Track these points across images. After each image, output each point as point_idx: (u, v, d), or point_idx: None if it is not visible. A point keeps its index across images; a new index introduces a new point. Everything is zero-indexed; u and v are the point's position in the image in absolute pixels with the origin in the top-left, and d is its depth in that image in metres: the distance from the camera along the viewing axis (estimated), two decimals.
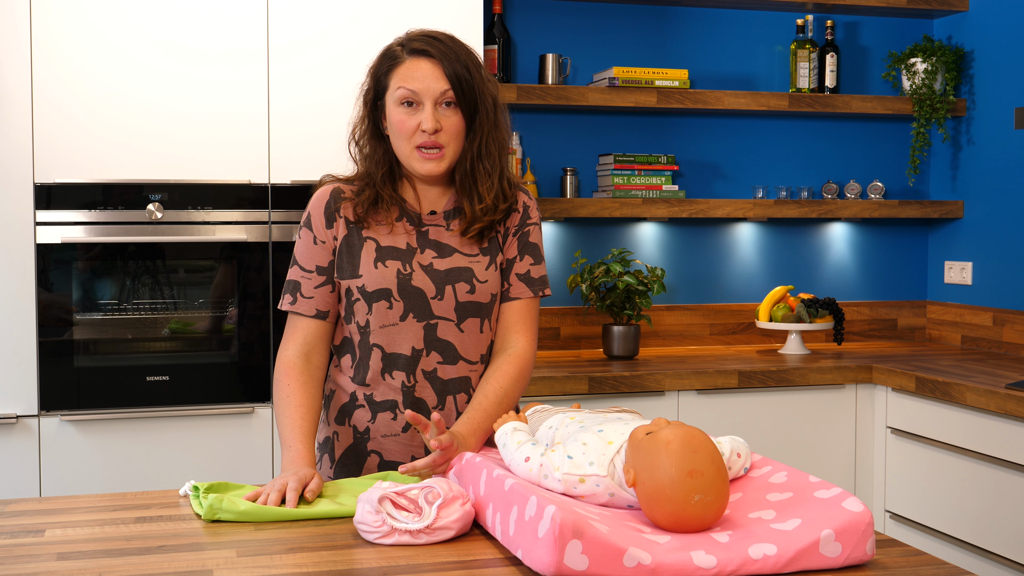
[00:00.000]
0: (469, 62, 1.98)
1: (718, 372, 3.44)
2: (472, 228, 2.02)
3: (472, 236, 2.03)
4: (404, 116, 1.97)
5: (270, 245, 3.15)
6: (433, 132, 1.95)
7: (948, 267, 4.22)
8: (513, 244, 2.08)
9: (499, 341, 2.08)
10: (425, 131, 1.95)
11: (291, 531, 1.59)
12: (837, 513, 1.43)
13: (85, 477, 3.03)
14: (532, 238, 2.09)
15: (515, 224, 2.08)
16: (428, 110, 1.95)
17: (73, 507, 1.73)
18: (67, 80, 3.01)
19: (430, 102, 1.95)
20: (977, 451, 3.15)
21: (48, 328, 3.01)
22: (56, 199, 3.00)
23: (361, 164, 2.07)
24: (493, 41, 3.73)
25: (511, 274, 2.08)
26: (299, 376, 1.99)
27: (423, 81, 1.95)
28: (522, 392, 2.05)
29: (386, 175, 2.04)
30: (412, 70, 1.96)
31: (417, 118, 1.96)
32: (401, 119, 1.97)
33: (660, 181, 3.89)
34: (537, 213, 2.12)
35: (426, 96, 1.95)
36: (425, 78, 1.95)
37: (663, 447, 1.46)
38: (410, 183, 2.07)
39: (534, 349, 2.08)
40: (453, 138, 1.98)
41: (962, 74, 4.11)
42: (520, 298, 2.08)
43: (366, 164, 2.06)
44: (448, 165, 2.00)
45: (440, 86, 1.95)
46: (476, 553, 1.49)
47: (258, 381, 3.15)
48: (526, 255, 2.09)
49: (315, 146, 3.16)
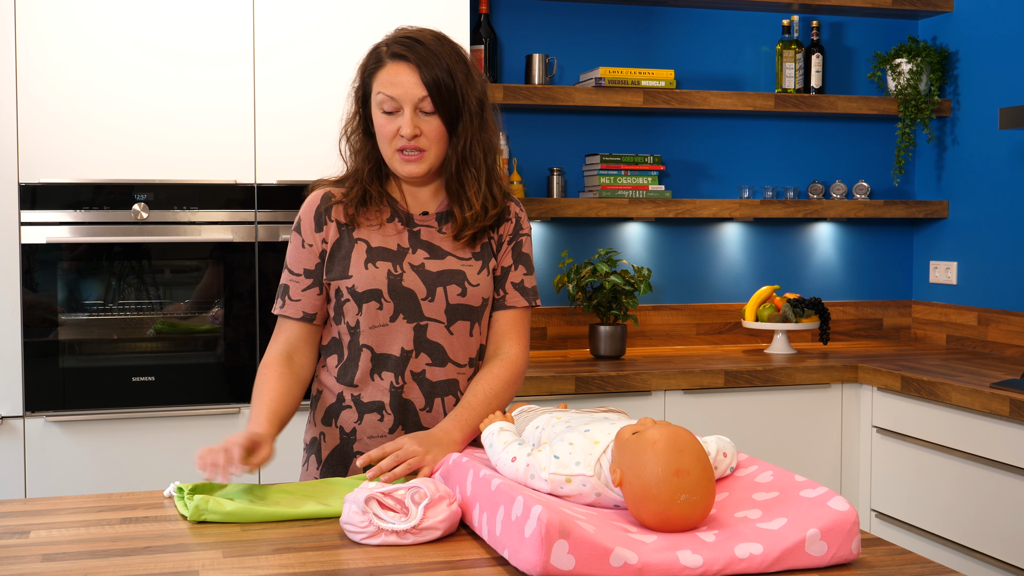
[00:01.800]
0: (452, 65, 1.96)
1: (704, 372, 3.44)
2: (464, 233, 2.03)
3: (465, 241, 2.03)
4: (384, 121, 1.98)
5: (256, 245, 3.14)
6: (412, 137, 1.96)
7: (933, 267, 4.23)
8: (508, 253, 2.08)
9: (492, 348, 2.09)
10: (403, 136, 1.96)
11: (277, 531, 1.59)
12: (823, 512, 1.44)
13: (70, 478, 3.02)
14: (524, 248, 2.11)
15: (509, 233, 2.09)
16: (407, 115, 1.95)
17: (58, 508, 1.72)
18: (52, 80, 3.00)
19: (409, 108, 1.95)
20: (962, 450, 3.16)
21: (33, 328, 3.00)
22: (41, 199, 2.99)
23: (351, 161, 2.08)
24: (479, 41, 3.73)
25: (506, 282, 2.08)
26: (278, 368, 2.00)
27: (400, 87, 1.95)
28: (512, 397, 2.05)
29: (373, 171, 2.05)
30: (391, 75, 1.96)
31: (397, 123, 1.96)
32: (382, 123, 1.98)
33: (646, 181, 3.89)
34: (528, 224, 2.13)
35: (404, 102, 1.95)
36: (403, 84, 1.95)
37: (649, 447, 1.47)
38: (397, 183, 2.07)
39: (526, 357, 2.09)
40: (434, 142, 1.98)
41: (947, 74, 4.12)
42: (515, 307, 2.09)
43: (355, 160, 2.06)
44: (429, 167, 2.00)
45: (417, 93, 1.94)
46: (463, 553, 1.49)
47: (244, 381, 3.14)
48: (520, 265, 2.10)
49: (301, 146, 3.16)
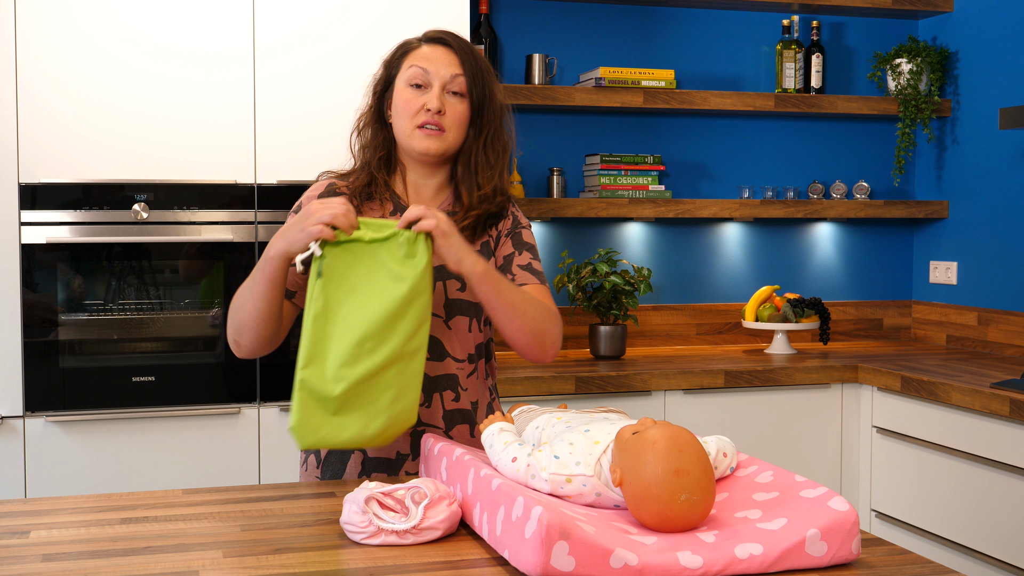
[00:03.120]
0: (484, 63, 2.04)
1: (704, 372, 3.44)
2: (469, 215, 2.01)
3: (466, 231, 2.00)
4: (411, 96, 1.99)
5: (256, 245, 3.14)
6: (437, 112, 1.97)
7: (933, 267, 4.23)
8: (507, 243, 2.08)
9: None
10: (430, 110, 1.97)
11: (277, 532, 1.59)
12: (823, 512, 1.44)
13: (70, 478, 3.02)
14: (526, 238, 2.10)
15: (507, 228, 2.09)
16: (436, 90, 1.98)
17: (58, 508, 1.72)
18: (52, 80, 3.00)
19: (439, 84, 1.98)
20: (962, 450, 3.16)
21: (33, 329, 3.00)
22: (41, 199, 2.99)
23: (359, 155, 2.08)
24: (480, 41, 3.73)
25: (512, 266, 2.04)
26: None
27: (436, 63, 1.99)
28: (544, 328, 1.95)
29: (383, 159, 2.05)
30: (428, 52, 2.01)
31: (423, 98, 1.98)
32: (408, 98, 1.99)
33: (646, 181, 3.89)
34: (527, 220, 2.13)
35: (436, 78, 1.98)
36: (439, 60, 1.99)
37: (649, 447, 1.46)
38: (403, 176, 2.07)
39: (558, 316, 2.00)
40: (455, 124, 2.00)
41: (947, 75, 4.12)
42: (528, 284, 2.02)
43: (365, 153, 2.06)
44: (447, 147, 2.00)
45: (452, 71, 1.99)
46: (463, 553, 1.49)
47: (244, 381, 3.14)
48: (524, 251, 2.07)
49: (301, 146, 3.16)
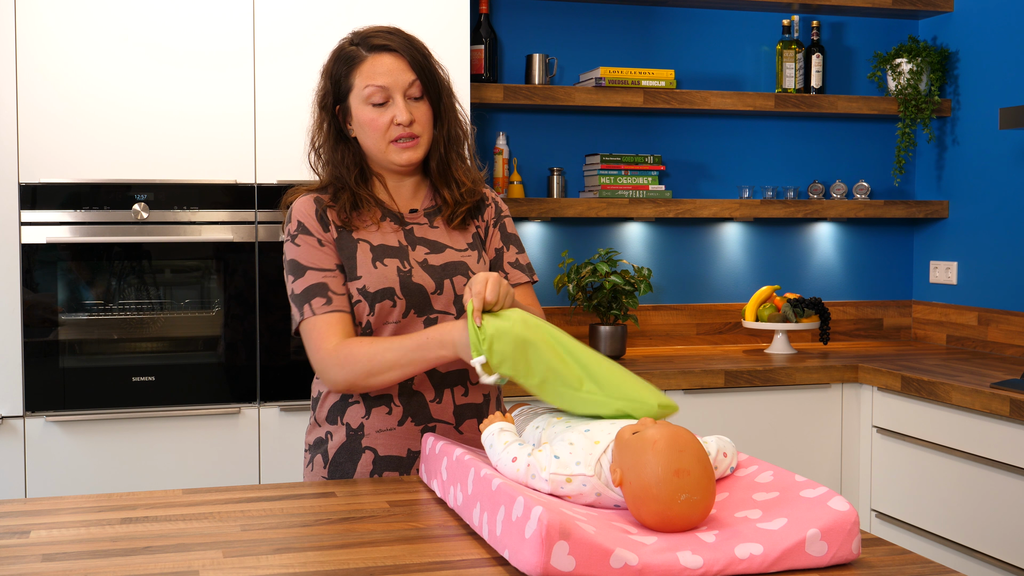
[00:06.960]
0: (424, 49, 2.02)
1: (704, 372, 3.44)
2: (459, 212, 2.05)
3: (457, 226, 2.05)
4: (375, 115, 1.98)
5: (256, 245, 3.14)
6: (409, 123, 1.98)
7: (933, 267, 4.23)
8: (496, 235, 2.12)
9: None
10: (400, 124, 1.97)
11: (277, 532, 1.59)
12: (823, 512, 1.44)
13: (71, 478, 3.02)
14: (510, 229, 2.14)
15: (492, 216, 2.12)
16: (399, 103, 1.97)
17: (58, 508, 1.72)
18: (52, 80, 3.00)
19: (399, 95, 1.97)
20: (962, 450, 3.16)
21: (33, 328, 3.00)
22: (41, 199, 2.99)
23: (325, 172, 2.06)
24: (480, 41, 3.73)
25: (503, 263, 2.11)
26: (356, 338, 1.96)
27: (390, 75, 1.97)
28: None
29: (358, 177, 2.05)
30: (376, 66, 1.97)
31: (389, 113, 1.97)
32: (372, 117, 1.98)
33: (646, 181, 3.89)
34: (505, 206, 2.17)
35: (395, 90, 1.97)
36: (391, 72, 1.97)
37: (649, 446, 1.46)
38: (381, 182, 2.08)
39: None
40: (426, 127, 2.01)
41: (947, 74, 4.12)
42: (519, 284, 2.11)
43: (333, 170, 2.04)
44: (424, 152, 2.03)
45: (407, 77, 1.97)
46: (463, 553, 1.49)
47: (244, 381, 3.14)
48: (510, 245, 2.13)
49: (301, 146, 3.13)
